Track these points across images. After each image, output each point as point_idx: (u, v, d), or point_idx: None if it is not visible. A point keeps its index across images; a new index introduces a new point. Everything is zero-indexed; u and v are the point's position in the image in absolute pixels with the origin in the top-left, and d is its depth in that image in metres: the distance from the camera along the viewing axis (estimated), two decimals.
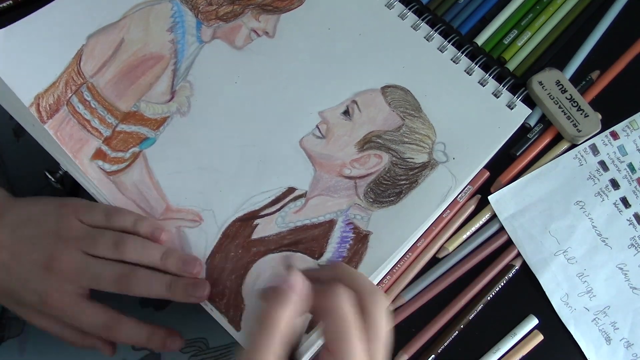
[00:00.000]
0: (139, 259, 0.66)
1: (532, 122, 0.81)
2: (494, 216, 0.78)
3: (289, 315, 0.54)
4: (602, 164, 0.80)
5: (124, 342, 0.69)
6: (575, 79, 0.84)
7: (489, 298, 0.74)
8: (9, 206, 0.69)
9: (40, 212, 0.68)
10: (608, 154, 0.80)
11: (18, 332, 0.79)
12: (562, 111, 0.80)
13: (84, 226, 0.67)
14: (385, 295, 0.73)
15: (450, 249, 0.76)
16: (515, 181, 0.78)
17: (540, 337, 0.73)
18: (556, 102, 0.80)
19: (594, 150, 0.80)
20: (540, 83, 0.81)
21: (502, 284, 0.75)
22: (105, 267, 0.65)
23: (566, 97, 0.81)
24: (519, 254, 0.76)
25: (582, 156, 0.80)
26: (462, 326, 0.73)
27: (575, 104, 0.80)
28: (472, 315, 0.73)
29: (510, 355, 0.73)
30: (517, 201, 0.78)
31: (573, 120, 0.80)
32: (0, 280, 0.66)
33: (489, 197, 0.77)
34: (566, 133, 0.80)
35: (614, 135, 0.81)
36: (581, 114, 0.80)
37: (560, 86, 0.81)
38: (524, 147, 0.80)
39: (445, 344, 0.73)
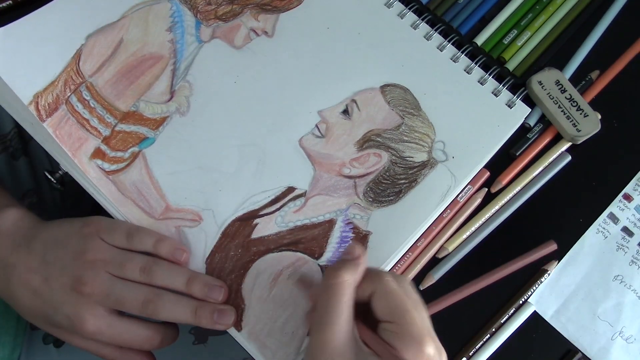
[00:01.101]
0: (165, 284, 0.67)
1: (531, 122, 0.81)
2: (495, 213, 0.78)
3: (355, 283, 0.60)
4: (626, 230, 0.79)
5: (167, 345, 0.70)
6: (574, 79, 0.84)
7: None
8: (37, 231, 0.69)
9: (65, 234, 0.68)
10: (628, 218, 0.79)
11: None
12: (562, 111, 0.80)
13: (109, 247, 0.67)
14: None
15: (450, 248, 0.76)
16: (548, 276, 0.76)
17: None
18: (556, 102, 0.80)
19: (614, 218, 0.79)
20: (540, 83, 0.81)
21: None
22: (132, 291, 0.66)
23: (566, 97, 0.81)
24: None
25: (604, 228, 0.79)
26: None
27: (575, 104, 0.80)
28: None
29: None
30: (557, 295, 0.76)
31: (572, 120, 0.80)
32: (33, 305, 0.67)
33: (529, 301, 0.75)
34: (566, 133, 0.80)
35: (628, 198, 0.80)
36: (581, 113, 0.80)
37: (560, 86, 0.81)
38: (524, 147, 0.80)
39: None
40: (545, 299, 0.75)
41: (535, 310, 0.75)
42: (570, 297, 0.76)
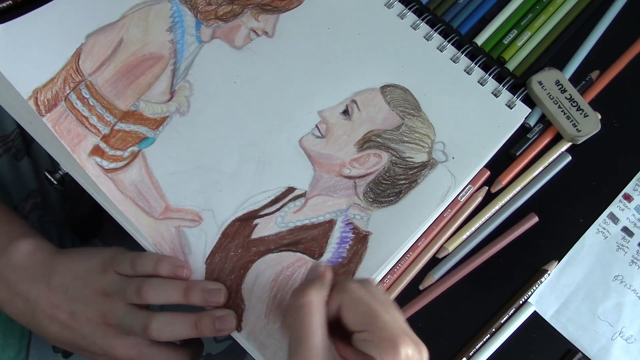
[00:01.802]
0: (162, 300, 0.67)
1: (531, 122, 0.81)
2: (495, 213, 0.78)
3: (324, 300, 0.59)
4: (626, 230, 0.79)
5: None
6: (574, 79, 0.84)
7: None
8: (55, 264, 0.70)
9: (85, 270, 0.69)
10: (628, 218, 0.79)
11: None
12: (562, 111, 0.80)
13: (120, 278, 0.68)
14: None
15: (450, 248, 0.76)
16: (548, 277, 0.76)
17: None
18: (556, 102, 0.80)
19: (614, 218, 0.79)
20: (540, 83, 0.81)
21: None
22: (132, 317, 0.67)
23: (566, 97, 0.81)
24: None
25: (604, 229, 0.79)
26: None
27: (575, 104, 0.80)
28: None
29: None
30: (557, 295, 0.76)
31: (572, 120, 0.80)
32: (63, 336, 0.69)
33: (529, 301, 0.75)
34: (566, 133, 0.80)
35: (628, 198, 0.80)
36: (581, 113, 0.80)
37: (560, 86, 0.81)
38: (524, 147, 0.80)
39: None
40: (546, 299, 0.75)
41: (535, 310, 0.75)
42: (570, 297, 0.76)
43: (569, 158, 0.80)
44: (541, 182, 0.79)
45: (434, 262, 0.76)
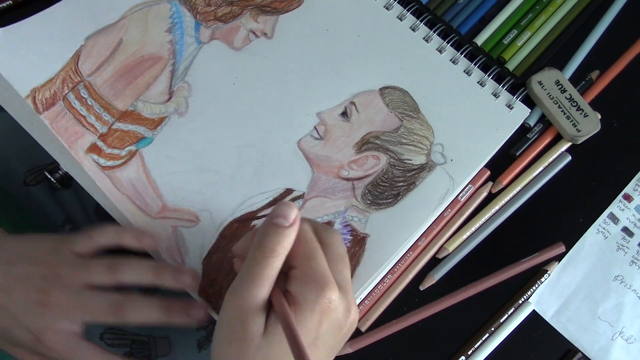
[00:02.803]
0: (134, 279, 0.65)
1: (531, 122, 0.81)
2: (495, 213, 0.78)
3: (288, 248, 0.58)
4: (626, 230, 0.79)
5: None
6: (574, 79, 0.84)
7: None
8: (5, 242, 0.68)
9: (34, 248, 0.67)
10: (628, 218, 0.79)
11: (167, 351, 0.81)
12: (562, 111, 0.80)
13: (76, 258, 0.66)
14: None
15: (450, 249, 0.76)
16: (548, 277, 0.76)
17: None
18: (555, 102, 0.80)
19: (614, 219, 0.79)
20: (540, 83, 0.81)
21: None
22: (100, 298, 0.64)
23: (565, 97, 0.81)
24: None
25: (604, 229, 0.79)
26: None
27: (575, 104, 0.80)
28: None
29: None
30: (557, 296, 0.76)
31: (572, 120, 0.79)
32: None
33: (529, 301, 0.75)
34: (565, 133, 0.80)
35: (628, 198, 0.80)
36: (581, 113, 0.80)
37: (560, 86, 0.81)
38: (524, 147, 0.80)
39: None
40: (546, 299, 0.75)
41: (534, 310, 0.75)
42: (570, 297, 0.76)
43: (569, 158, 0.80)
44: (541, 182, 0.79)
45: (434, 262, 0.76)
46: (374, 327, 0.73)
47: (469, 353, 0.72)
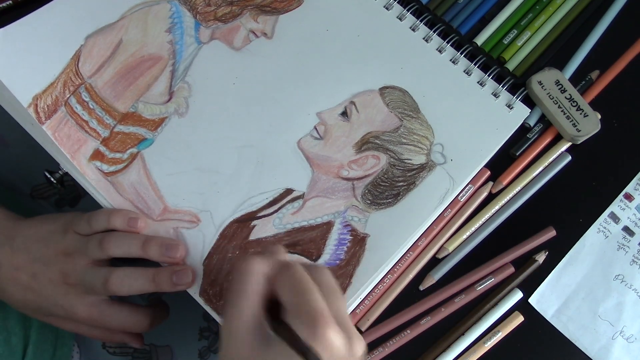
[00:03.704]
0: (122, 252, 0.68)
1: (531, 122, 0.81)
2: (495, 213, 0.78)
3: (265, 273, 0.58)
4: (627, 229, 0.79)
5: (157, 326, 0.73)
6: (574, 79, 0.84)
7: None
8: (17, 228, 0.71)
9: (48, 231, 0.70)
10: (629, 217, 0.79)
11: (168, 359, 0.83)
12: (562, 111, 0.80)
13: (80, 238, 0.69)
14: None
15: (450, 249, 0.76)
16: (548, 276, 0.76)
17: None
18: (555, 102, 0.80)
19: (614, 218, 0.79)
20: (540, 83, 0.81)
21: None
22: (93, 275, 0.68)
23: (565, 97, 0.81)
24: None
25: (605, 228, 0.78)
26: None
27: (575, 104, 0.80)
28: None
29: None
30: (558, 295, 0.76)
31: (572, 120, 0.79)
32: (26, 299, 0.70)
33: (529, 300, 0.75)
34: (565, 133, 0.80)
35: (629, 197, 0.80)
36: (580, 113, 0.80)
37: (560, 86, 0.81)
38: (524, 147, 0.80)
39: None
40: (546, 298, 0.75)
41: (535, 310, 0.75)
42: (571, 297, 0.76)
43: (569, 158, 0.80)
44: (541, 182, 0.79)
45: (434, 262, 0.76)
46: (374, 327, 0.73)
47: (454, 340, 0.73)
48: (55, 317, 0.71)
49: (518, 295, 0.75)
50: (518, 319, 0.74)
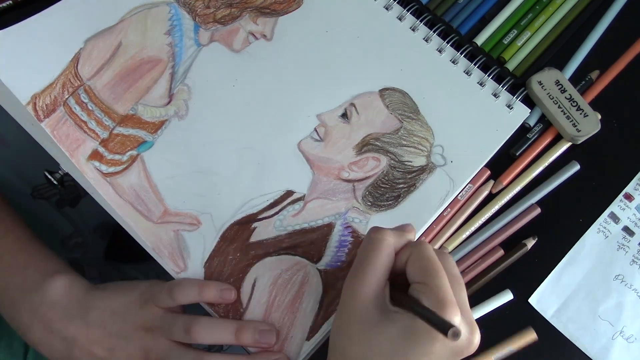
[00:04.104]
0: (211, 341, 0.68)
1: (531, 122, 0.81)
2: (497, 211, 0.78)
3: (395, 246, 0.62)
4: (627, 229, 0.79)
5: None
6: (574, 79, 0.83)
7: None
8: (91, 300, 0.70)
9: (124, 305, 0.69)
10: (629, 217, 0.79)
11: None
12: (562, 111, 0.80)
13: (162, 313, 0.69)
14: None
15: (450, 248, 0.76)
16: (548, 276, 0.76)
17: None
18: (555, 102, 0.80)
19: (614, 218, 0.79)
20: (540, 83, 0.81)
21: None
22: (181, 356, 0.67)
23: (565, 97, 0.80)
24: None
25: (604, 228, 0.78)
26: None
27: (575, 104, 0.80)
28: None
29: None
30: (558, 295, 0.76)
31: (572, 120, 0.79)
32: None
33: (529, 300, 0.76)
34: (565, 133, 0.79)
35: (629, 197, 0.80)
36: (580, 113, 0.80)
37: (560, 86, 0.81)
38: (524, 147, 0.80)
39: None
40: (546, 298, 0.75)
41: (535, 310, 0.75)
42: (571, 297, 0.76)
43: (578, 167, 0.79)
44: (548, 189, 0.79)
45: None
46: None
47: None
48: None
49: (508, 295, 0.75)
50: (531, 336, 0.74)
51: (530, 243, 0.76)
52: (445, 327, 0.52)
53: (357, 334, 0.58)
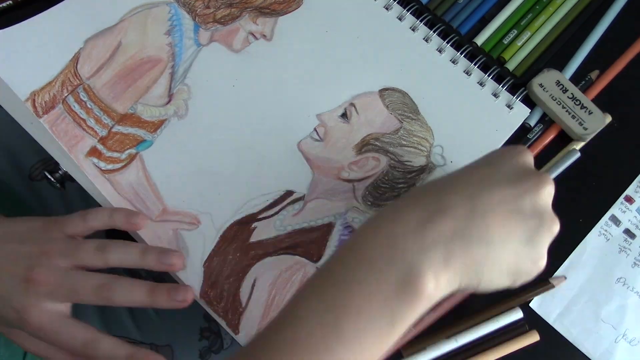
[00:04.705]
0: (121, 260, 0.65)
1: (532, 122, 0.81)
2: None
3: None
4: (628, 232, 0.78)
5: None
6: (574, 79, 0.83)
7: None
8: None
9: (27, 228, 0.67)
10: (630, 220, 0.79)
11: None
12: (566, 111, 0.79)
13: (66, 238, 0.66)
14: None
15: None
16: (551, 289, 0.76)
17: None
18: (559, 103, 0.80)
19: (615, 221, 0.79)
20: (541, 85, 0.81)
21: None
22: (85, 278, 0.64)
23: (568, 97, 0.80)
24: None
25: (605, 231, 0.78)
26: None
27: (578, 102, 0.80)
28: None
29: None
30: (560, 298, 0.75)
31: (578, 119, 0.79)
32: None
33: (531, 305, 0.75)
34: (573, 132, 0.79)
35: (629, 200, 0.79)
36: (585, 111, 0.80)
37: (561, 86, 0.81)
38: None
39: None
40: (548, 302, 0.75)
41: (537, 314, 0.74)
42: (573, 300, 0.75)
43: (578, 154, 0.79)
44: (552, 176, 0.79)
45: None
46: None
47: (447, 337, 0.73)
48: (9, 327, 0.67)
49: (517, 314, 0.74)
50: (534, 337, 0.73)
51: (560, 282, 0.76)
52: None
53: None
